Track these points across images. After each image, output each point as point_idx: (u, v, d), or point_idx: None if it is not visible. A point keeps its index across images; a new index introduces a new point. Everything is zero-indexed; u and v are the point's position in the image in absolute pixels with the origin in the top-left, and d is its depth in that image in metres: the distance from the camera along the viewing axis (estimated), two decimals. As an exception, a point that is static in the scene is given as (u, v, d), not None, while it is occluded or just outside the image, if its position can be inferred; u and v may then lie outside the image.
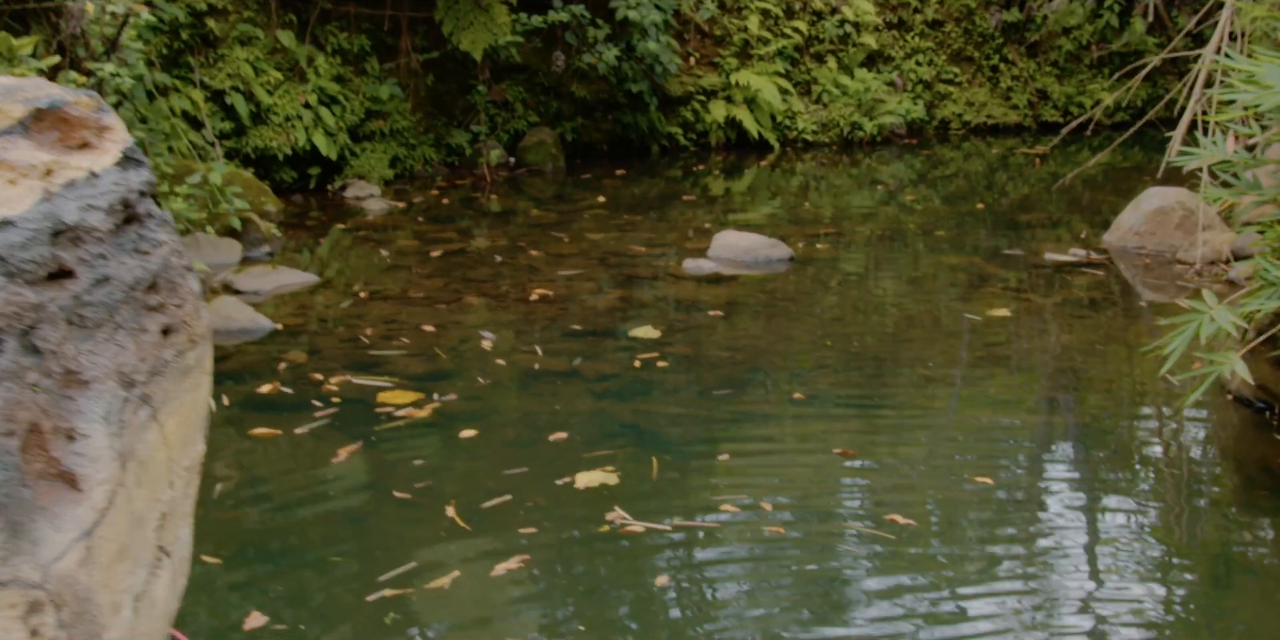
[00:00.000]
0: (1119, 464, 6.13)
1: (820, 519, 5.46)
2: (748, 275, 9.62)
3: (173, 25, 11.57)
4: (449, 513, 5.45)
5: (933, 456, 6.18)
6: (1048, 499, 5.69)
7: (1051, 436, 6.45)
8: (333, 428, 6.46)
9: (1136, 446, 6.37)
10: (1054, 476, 5.98)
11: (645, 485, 5.76)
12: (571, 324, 8.26)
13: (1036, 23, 17.58)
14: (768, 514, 5.47)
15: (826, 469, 5.98)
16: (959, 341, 7.92)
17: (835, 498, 5.70)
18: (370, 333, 8.04)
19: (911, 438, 6.43)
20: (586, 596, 4.81)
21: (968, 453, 6.22)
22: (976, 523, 5.43)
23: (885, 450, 6.26)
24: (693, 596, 4.82)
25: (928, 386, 7.12)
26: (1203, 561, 5.13)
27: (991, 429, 6.54)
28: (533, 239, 10.88)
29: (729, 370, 7.38)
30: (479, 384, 7.11)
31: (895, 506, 5.53)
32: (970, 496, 5.68)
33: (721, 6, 15.86)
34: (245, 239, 10.24)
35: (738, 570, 5.02)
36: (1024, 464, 6.08)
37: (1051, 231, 11.29)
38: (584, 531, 5.30)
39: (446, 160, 14.18)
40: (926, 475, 5.95)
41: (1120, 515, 5.53)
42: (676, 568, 5.02)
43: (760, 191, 13.75)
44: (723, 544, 5.20)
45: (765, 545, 5.18)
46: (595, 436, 6.33)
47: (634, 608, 4.74)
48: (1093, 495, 5.74)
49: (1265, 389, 6.64)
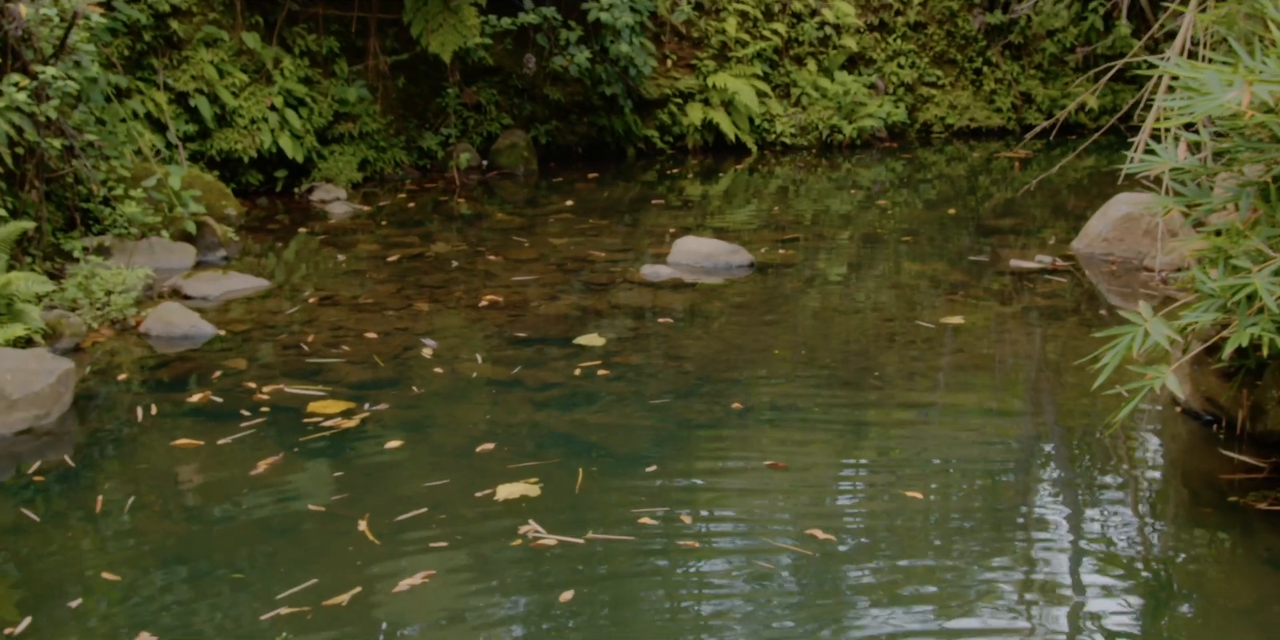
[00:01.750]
0: (1059, 480, 6.01)
1: (737, 533, 5.35)
2: (706, 282, 9.49)
3: (134, 27, 11.45)
4: (361, 527, 5.34)
5: (865, 470, 6.07)
6: (979, 515, 5.57)
7: (990, 451, 6.32)
8: (257, 438, 6.34)
9: (1079, 461, 6.24)
10: (989, 492, 5.85)
11: (567, 498, 5.65)
12: (518, 331, 8.15)
13: (1020, 25, 17.45)
14: (685, 527, 5.36)
15: (754, 481, 5.87)
16: (910, 351, 7.79)
17: (757, 511, 5.58)
18: (312, 340, 7.93)
19: (846, 451, 6.31)
20: (487, 612, 4.70)
21: (902, 466, 6.09)
22: (898, 539, 5.31)
23: (818, 463, 6.13)
24: (593, 611, 4.70)
25: (870, 398, 7.00)
26: (1142, 579, 5.01)
27: (929, 443, 6.42)
28: (494, 244, 10.76)
29: (672, 380, 7.25)
30: (413, 393, 6.99)
31: (817, 521, 5.42)
32: (897, 512, 5.56)
33: (699, 8, 15.73)
34: (200, 243, 10.13)
35: (642, 584, 4.90)
36: (959, 479, 5.96)
37: (1022, 237, 11.16)
38: (495, 546, 5.19)
39: (418, 163, 14.06)
40: (856, 490, 5.84)
41: (1056, 532, 5.41)
42: (583, 582, 4.90)
43: (734, 195, 13.63)
44: (633, 557, 5.09)
45: (676, 559, 5.08)
46: (525, 447, 6.22)
47: (533, 624, 4.63)
48: (1028, 511, 5.62)
49: (1213, 402, 6.51)
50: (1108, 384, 5.68)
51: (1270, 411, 6.04)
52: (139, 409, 6.77)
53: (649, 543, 5.21)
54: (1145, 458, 6.35)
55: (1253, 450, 6.15)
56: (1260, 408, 6.10)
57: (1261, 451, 6.12)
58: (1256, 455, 6.09)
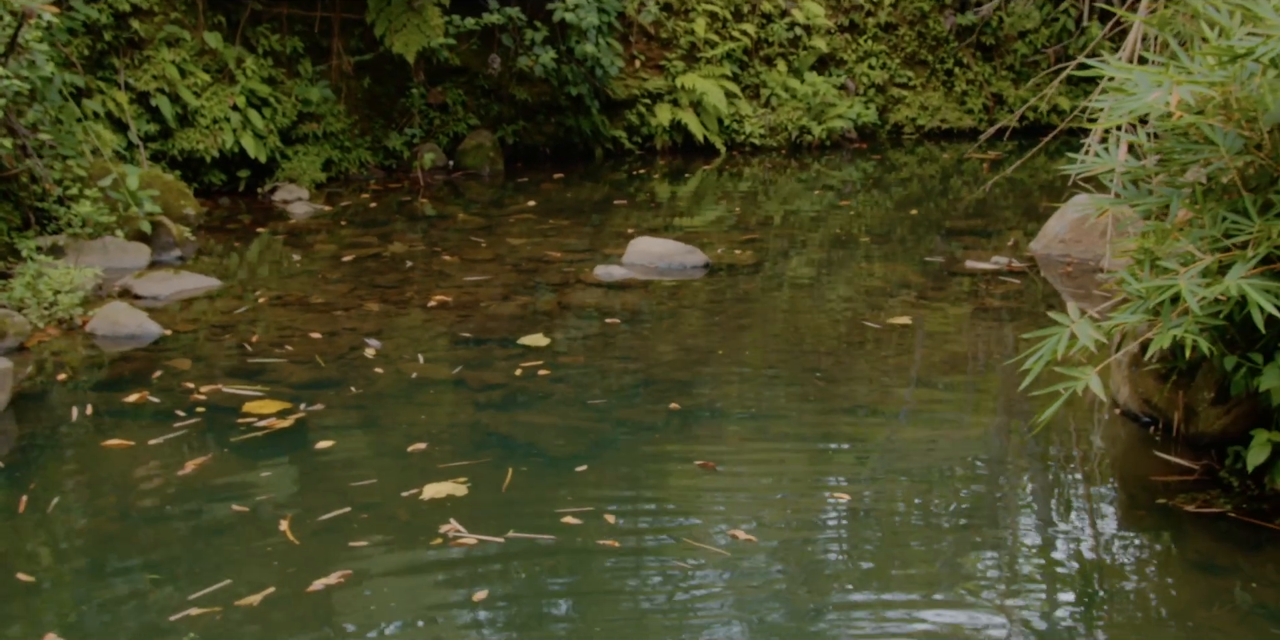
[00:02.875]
0: (991, 483, 6.00)
1: (658, 532, 5.34)
2: (659, 282, 9.48)
3: (94, 26, 11.42)
4: (282, 527, 5.32)
5: (795, 471, 6.06)
6: (907, 518, 5.56)
7: (925, 452, 6.32)
8: (189, 439, 6.33)
9: (1013, 463, 6.23)
10: (920, 494, 5.84)
11: (493, 497, 5.64)
12: (465, 332, 8.13)
13: (992, 26, 17.46)
14: (607, 527, 5.35)
15: (682, 481, 5.86)
16: (855, 352, 7.79)
17: (681, 511, 5.57)
18: (257, 339, 7.91)
19: (779, 451, 6.30)
20: (397, 612, 4.68)
21: (833, 468, 6.09)
22: (820, 540, 5.30)
23: (748, 463, 6.12)
24: (505, 611, 4.69)
25: (810, 399, 6.99)
26: (1071, 583, 5.01)
27: (863, 444, 6.41)
28: (451, 244, 10.75)
29: (614, 381, 7.24)
30: (351, 394, 6.98)
31: (741, 522, 5.41)
32: (823, 513, 5.56)
33: (668, 9, 15.72)
34: (156, 243, 10.11)
35: (557, 584, 4.90)
36: (890, 480, 5.95)
37: (984, 239, 11.15)
38: (414, 545, 5.18)
39: (383, 164, 14.05)
40: (784, 490, 5.83)
41: (984, 536, 5.40)
42: (498, 581, 4.90)
43: (702, 196, 13.62)
44: (551, 557, 5.08)
45: (593, 559, 5.06)
46: (458, 448, 6.21)
47: (444, 623, 4.61)
48: (958, 514, 5.61)
49: (1150, 403, 6.51)
50: (1044, 383, 5.65)
51: (1202, 413, 6.04)
52: (75, 409, 6.75)
53: (569, 542, 5.20)
54: (1081, 460, 6.34)
55: (1186, 452, 6.14)
56: (1193, 409, 6.10)
57: (1194, 453, 6.12)
58: (1190, 457, 6.08)
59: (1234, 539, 5.30)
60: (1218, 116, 5.55)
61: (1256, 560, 5.14)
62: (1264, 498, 5.61)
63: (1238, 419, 5.90)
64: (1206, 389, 6.01)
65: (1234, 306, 5.31)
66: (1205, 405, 6.02)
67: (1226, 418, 5.94)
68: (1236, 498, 5.65)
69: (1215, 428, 5.98)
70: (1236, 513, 5.51)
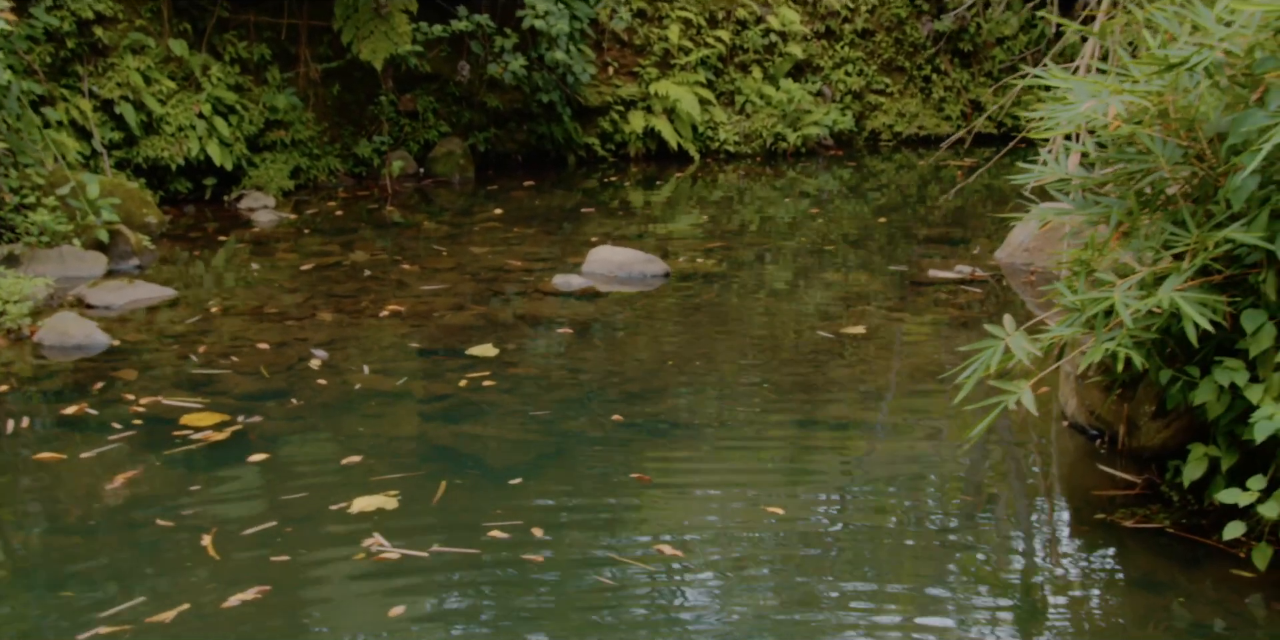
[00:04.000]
0: (932, 496, 5.95)
1: (585, 547, 5.27)
2: (618, 292, 9.42)
3: (57, 34, 11.36)
4: (205, 542, 5.25)
5: (730, 484, 5.99)
6: (841, 532, 5.50)
7: (866, 465, 6.25)
8: (122, 452, 6.26)
9: (955, 477, 6.16)
10: (854, 509, 5.78)
11: (423, 510, 5.58)
12: (415, 342, 8.07)
13: (970, 32, 17.40)
14: (534, 540, 5.29)
15: (615, 495, 5.80)
16: (806, 362, 7.72)
17: (610, 525, 5.50)
18: (204, 350, 7.84)
19: (717, 464, 6.24)
20: (311, 628, 4.62)
21: (770, 482, 6.02)
22: (749, 555, 5.23)
23: (685, 477, 6.06)
24: (422, 628, 4.62)
25: (755, 411, 6.92)
26: (1010, 600, 4.92)
27: (803, 457, 6.35)
28: (413, 253, 10.68)
29: (560, 391, 7.18)
30: (292, 405, 6.91)
31: (670, 536, 5.35)
32: (754, 527, 5.49)
33: (641, 16, 15.66)
34: (113, 252, 10.04)
35: (476, 599, 4.83)
36: (826, 495, 5.89)
37: (950, 247, 11.09)
38: (336, 559, 5.13)
39: (354, 171, 13.98)
40: (717, 504, 5.76)
41: (921, 551, 5.34)
42: (417, 596, 4.83)
43: (674, 204, 13.55)
44: (473, 571, 5.02)
45: (516, 573, 5.00)
46: (393, 459, 6.15)
47: (356, 638, 4.55)
48: (895, 529, 5.55)
49: (1097, 416, 6.45)
50: (985, 396, 5.57)
51: (1143, 426, 5.98)
52: (11, 421, 6.69)
53: (493, 556, 5.15)
54: (1025, 473, 6.28)
55: (1131, 465, 6.08)
56: (1134, 422, 6.04)
57: (1138, 467, 6.06)
58: (1133, 471, 6.02)
59: (1173, 555, 5.24)
60: (1155, 126, 5.49)
61: (1195, 576, 5.08)
62: (1203, 513, 5.54)
63: (1178, 433, 5.84)
64: (1147, 402, 5.95)
65: (1170, 319, 5.25)
66: (1146, 419, 5.96)
67: (1167, 431, 5.88)
68: (1176, 513, 5.59)
69: (1156, 441, 5.92)
70: (1175, 528, 5.45)
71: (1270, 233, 4.97)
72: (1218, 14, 5.30)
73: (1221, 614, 4.78)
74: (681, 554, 5.18)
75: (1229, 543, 5.21)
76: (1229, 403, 5.25)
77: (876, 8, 17.22)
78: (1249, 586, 4.96)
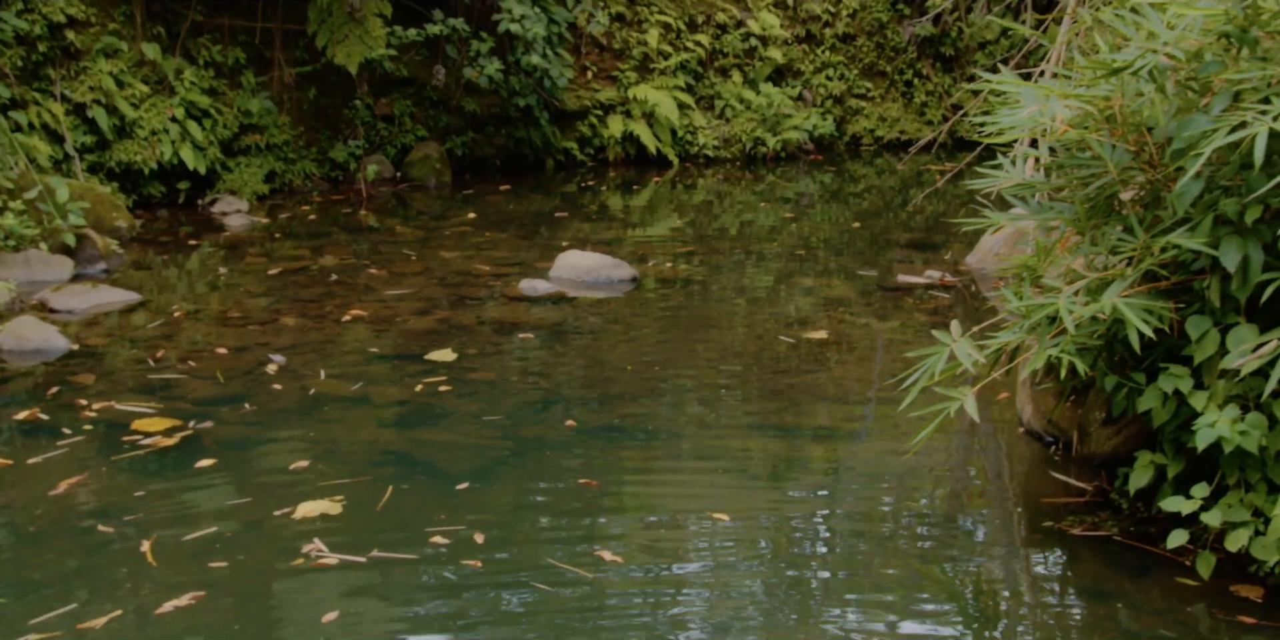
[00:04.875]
0: (882, 503, 5.90)
1: (526, 552, 5.23)
2: (585, 297, 9.39)
3: (28, 38, 11.33)
4: (144, 548, 5.22)
5: (678, 490, 5.96)
6: (786, 542, 5.45)
7: (818, 473, 6.22)
8: (69, 457, 6.23)
9: (905, 484, 6.12)
10: (801, 517, 5.72)
11: (366, 516, 5.54)
12: (375, 347, 8.03)
13: (951, 37, 17.38)
14: (475, 546, 5.25)
15: (560, 500, 5.76)
16: (766, 368, 7.69)
17: (552, 531, 5.46)
18: (161, 355, 7.81)
19: (666, 469, 6.20)
20: (243, 634, 4.57)
21: (719, 490, 5.98)
22: (691, 563, 5.19)
23: (633, 482, 6.03)
24: (355, 632, 4.58)
25: (711, 416, 6.89)
26: (958, 610, 4.87)
27: (754, 463, 6.31)
28: (382, 257, 10.65)
29: (516, 397, 7.15)
30: (245, 410, 6.88)
31: (611, 542, 5.31)
32: (698, 535, 5.45)
33: (620, 20, 15.64)
34: (80, 256, 10.00)
35: (410, 605, 4.79)
36: (775, 504, 5.84)
37: (923, 252, 11.06)
38: (274, 565, 5.09)
39: (330, 175, 13.95)
40: (661, 509, 5.72)
41: (868, 561, 5.29)
42: (351, 601, 4.79)
43: (649, 209, 13.53)
44: (409, 577, 4.99)
45: (453, 579, 4.97)
46: (342, 465, 6.11)
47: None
48: (842, 538, 5.51)
49: (1052, 422, 6.42)
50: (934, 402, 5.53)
51: (1094, 433, 5.95)
52: (-42, 426, 6.65)
53: (432, 562, 5.11)
54: (975, 480, 6.24)
55: (1083, 472, 6.05)
56: (1085, 429, 6.01)
57: (1089, 474, 6.03)
58: (1085, 478, 6.00)
59: (1120, 563, 5.21)
60: (1102, 131, 5.46)
61: (1141, 585, 5.05)
62: (1152, 520, 5.52)
63: (1128, 439, 5.81)
64: (1097, 409, 5.92)
65: (1116, 325, 5.23)
66: (1096, 425, 5.92)
67: (1117, 438, 5.85)
68: (1125, 520, 5.57)
69: (1106, 448, 5.89)
70: (1123, 536, 5.42)
71: (1213, 239, 4.95)
72: (1167, 20, 5.28)
73: (1165, 623, 4.75)
74: (620, 560, 5.15)
75: (1175, 551, 5.17)
76: (1174, 410, 5.22)
77: (858, 12, 17.21)
78: (1194, 595, 4.93)
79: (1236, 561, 5.10)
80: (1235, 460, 4.99)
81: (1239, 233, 4.91)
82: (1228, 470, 5.03)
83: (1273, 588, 4.94)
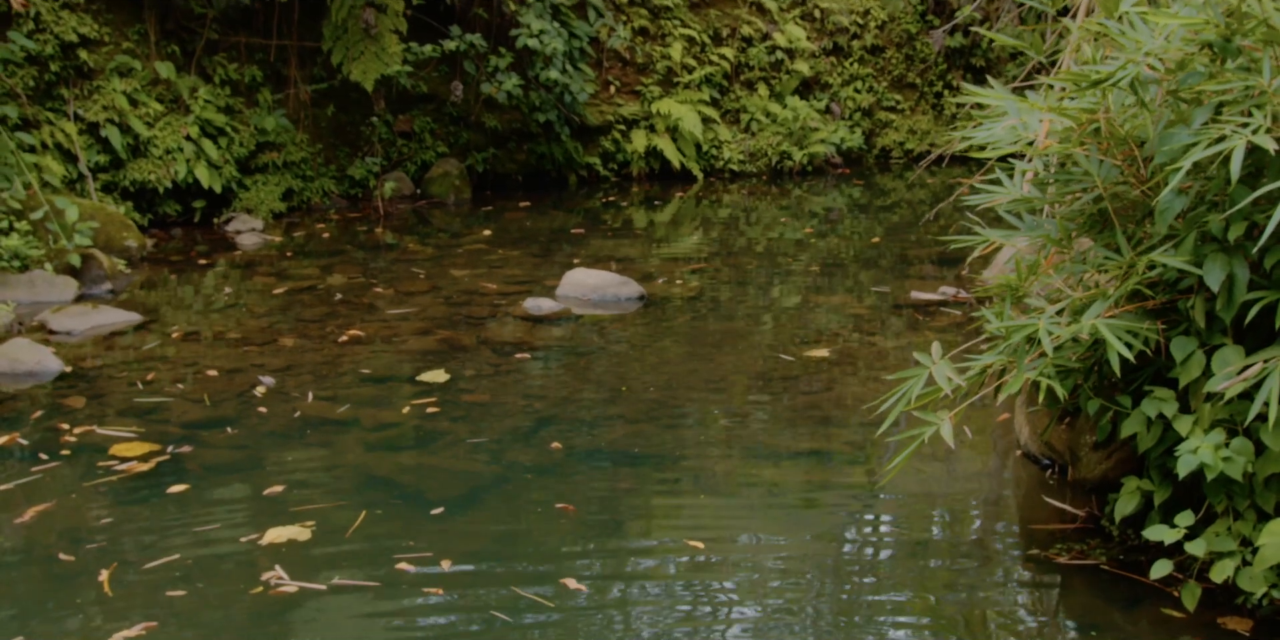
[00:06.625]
0: (872, 527, 5.74)
1: (488, 580, 5.09)
2: (591, 315, 9.26)
3: (40, 58, 11.33)
4: (101, 577, 5.11)
5: (654, 517, 5.81)
6: (769, 569, 5.29)
7: (805, 498, 6.05)
8: (41, 483, 6.14)
9: (897, 510, 5.95)
10: (789, 544, 5.56)
11: (334, 542, 5.43)
12: (370, 368, 7.93)
13: (982, 48, 17.17)
14: (439, 573, 5.13)
15: (533, 526, 5.62)
16: (765, 391, 7.53)
17: (522, 557, 5.32)
18: (151, 377, 7.73)
19: (648, 495, 6.05)
20: (184, 676, 4.47)
21: (697, 518, 5.82)
22: (663, 594, 5.04)
23: (612, 509, 5.88)
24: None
25: (700, 441, 6.74)
26: (939, 638, 4.72)
27: (736, 489, 6.15)
28: (391, 275, 10.56)
29: (507, 420, 7.02)
30: (227, 434, 6.78)
31: (578, 569, 5.18)
32: (675, 564, 5.30)
33: (644, 34, 15.53)
34: (86, 276, 9.97)
35: (363, 633, 4.66)
36: (757, 529, 5.68)
37: (941, 268, 10.86)
38: (232, 593, 4.98)
39: (349, 192, 13.90)
40: (636, 538, 5.58)
41: (854, 584, 5.14)
42: (304, 632, 4.67)
43: (670, 224, 13.38)
44: (368, 605, 4.87)
45: (411, 608, 4.85)
46: (317, 489, 6.01)
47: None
48: (832, 565, 5.34)
49: (1049, 445, 6.24)
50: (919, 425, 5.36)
51: (1084, 457, 5.76)
52: (-65, 452, 6.58)
53: (392, 590, 4.99)
54: (968, 505, 6.06)
55: (1076, 497, 5.87)
56: (1076, 453, 5.82)
57: (1082, 499, 5.84)
58: (1078, 502, 5.81)
59: (1107, 593, 5.03)
60: (1088, 145, 5.29)
61: (1129, 616, 4.87)
62: (1141, 548, 5.32)
63: (1118, 464, 5.62)
64: (1088, 432, 5.73)
65: (1099, 347, 5.06)
66: (1087, 449, 5.74)
67: (1107, 462, 5.66)
68: (1114, 548, 5.38)
69: (1096, 473, 5.70)
70: (1111, 564, 5.24)
71: (1197, 257, 4.76)
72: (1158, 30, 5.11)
73: (1149, 657, 4.57)
74: (584, 588, 5.01)
75: (1163, 581, 4.98)
76: (1159, 435, 5.03)
77: (886, 23, 17.01)
78: (1181, 628, 4.75)
79: (1226, 591, 4.90)
80: (1220, 487, 4.80)
81: (1224, 250, 4.73)
82: (1213, 498, 4.84)
83: (1262, 620, 4.75)
